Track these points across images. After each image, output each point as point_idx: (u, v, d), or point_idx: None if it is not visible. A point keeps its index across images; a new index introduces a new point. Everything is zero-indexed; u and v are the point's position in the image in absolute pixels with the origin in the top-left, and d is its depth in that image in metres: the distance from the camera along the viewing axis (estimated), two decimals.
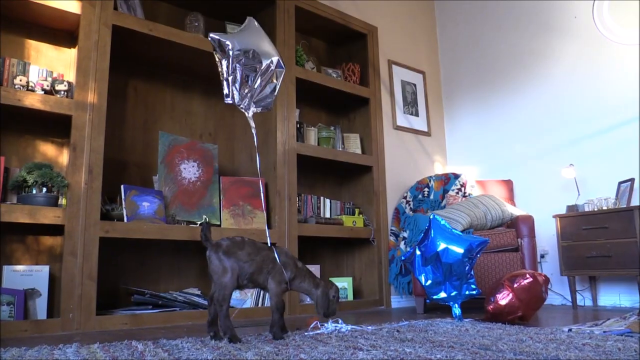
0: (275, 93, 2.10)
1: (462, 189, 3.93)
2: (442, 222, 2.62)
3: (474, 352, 1.55)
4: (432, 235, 2.58)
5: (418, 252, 2.65)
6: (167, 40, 2.98)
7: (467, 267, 2.52)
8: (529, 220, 3.35)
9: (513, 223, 3.42)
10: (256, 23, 2.10)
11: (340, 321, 2.28)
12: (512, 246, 3.27)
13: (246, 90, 1.96)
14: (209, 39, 1.97)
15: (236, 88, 1.95)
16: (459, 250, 2.49)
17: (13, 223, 2.39)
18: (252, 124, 2.08)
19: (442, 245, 2.53)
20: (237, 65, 1.91)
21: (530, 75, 4.20)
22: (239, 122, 3.67)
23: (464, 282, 2.56)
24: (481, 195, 3.69)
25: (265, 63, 1.96)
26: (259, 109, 2.07)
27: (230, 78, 1.94)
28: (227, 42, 1.90)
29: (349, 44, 4.26)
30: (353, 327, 2.25)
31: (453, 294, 2.57)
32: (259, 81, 1.99)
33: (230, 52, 1.91)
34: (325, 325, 2.26)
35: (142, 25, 2.89)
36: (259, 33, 2.04)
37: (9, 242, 2.63)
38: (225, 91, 1.97)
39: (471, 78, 4.66)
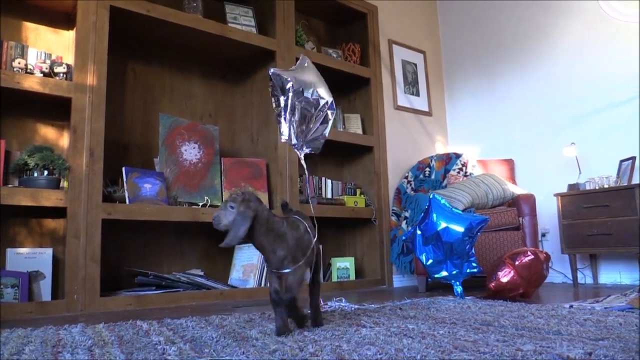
0: (326, 135, 1.99)
1: (464, 168, 3.92)
2: (442, 201, 2.63)
3: (476, 328, 1.56)
4: (432, 214, 2.58)
5: (419, 232, 2.66)
6: (165, 21, 2.96)
7: (467, 246, 2.53)
8: (530, 199, 3.35)
9: (514, 202, 3.42)
10: (310, 61, 2.00)
11: (343, 300, 2.30)
12: (513, 225, 3.28)
13: (301, 129, 1.88)
14: (270, 73, 1.84)
15: (293, 127, 1.87)
16: (459, 229, 2.50)
17: (15, 206, 2.39)
18: (304, 165, 2.01)
19: (442, 225, 2.54)
20: (297, 103, 1.82)
21: (532, 54, 4.17)
22: (239, 103, 3.66)
23: (465, 261, 2.57)
24: (482, 174, 3.69)
25: (321, 103, 1.87)
26: (309, 150, 1.97)
27: (288, 116, 1.84)
28: (289, 79, 1.80)
29: (348, 23, 4.22)
30: (356, 306, 2.26)
31: (454, 272, 2.59)
32: (314, 121, 1.90)
33: (291, 91, 1.81)
34: (329, 303, 2.28)
35: (139, 6, 2.86)
36: (314, 72, 1.95)
37: (12, 225, 2.64)
38: (283, 129, 1.86)
39: (472, 57, 4.62)
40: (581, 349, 1.17)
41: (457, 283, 2.62)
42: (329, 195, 3.79)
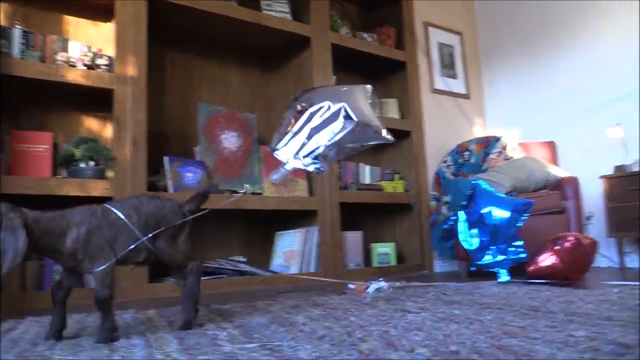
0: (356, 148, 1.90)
1: (504, 151, 3.85)
2: (485, 185, 2.59)
3: (524, 314, 1.54)
4: (476, 199, 2.55)
5: (462, 217, 2.63)
6: (201, 10, 2.97)
7: (513, 229, 2.49)
8: (573, 182, 3.27)
9: (557, 185, 3.34)
10: (371, 93, 1.90)
11: (382, 280, 2.23)
12: (557, 208, 3.20)
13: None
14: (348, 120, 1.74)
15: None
16: (505, 213, 2.46)
17: (65, 196, 2.47)
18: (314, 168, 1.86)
19: (486, 209, 2.50)
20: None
21: (573, 32, 4.04)
22: (275, 91, 3.67)
23: (511, 246, 2.53)
24: (523, 157, 3.61)
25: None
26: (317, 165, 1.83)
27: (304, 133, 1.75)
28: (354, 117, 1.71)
29: (382, 7, 4.17)
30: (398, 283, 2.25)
31: (499, 258, 2.55)
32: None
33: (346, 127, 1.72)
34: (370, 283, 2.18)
35: None
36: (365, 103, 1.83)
37: None
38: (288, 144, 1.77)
39: (510, 37, 4.51)
40: (636, 335, 1.14)
41: (503, 270, 2.57)
42: (367, 181, 3.78)
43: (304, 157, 1.81)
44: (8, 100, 2.66)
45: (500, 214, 2.46)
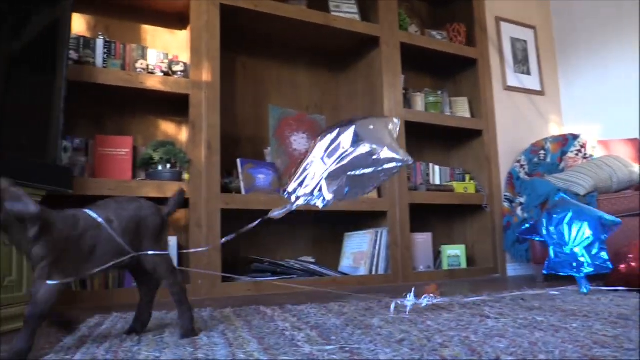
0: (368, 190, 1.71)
1: (583, 150, 3.67)
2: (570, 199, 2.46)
3: (613, 322, 1.45)
4: (559, 212, 2.42)
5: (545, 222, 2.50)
6: (272, 15, 3.02)
7: (597, 251, 2.34)
8: None
9: None
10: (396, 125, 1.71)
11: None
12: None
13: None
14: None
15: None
16: (587, 232, 2.32)
17: (144, 198, 2.57)
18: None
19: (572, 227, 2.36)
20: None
21: None
22: (344, 92, 3.67)
23: (594, 257, 2.36)
24: (605, 156, 3.43)
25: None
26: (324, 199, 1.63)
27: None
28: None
29: (452, 3, 4.08)
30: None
31: (584, 268, 2.39)
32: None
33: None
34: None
35: (247, 2, 2.94)
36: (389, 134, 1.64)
37: None
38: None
39: (588, 28, 4.29)
40: None
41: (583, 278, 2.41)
42: (438, 182, 3.71)
43: (305, 192, 1.66)
44: (91, 106, 2.81)
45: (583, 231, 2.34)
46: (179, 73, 2.78)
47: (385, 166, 1.59)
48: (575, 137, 3.77)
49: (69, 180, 2.09)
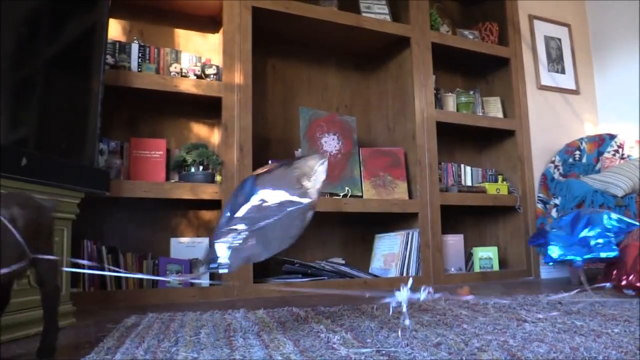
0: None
1: (620, 150, 3.58)
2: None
3: None
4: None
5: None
6: (303, 17, 3.03)
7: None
8: None
9: None
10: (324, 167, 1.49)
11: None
12: None
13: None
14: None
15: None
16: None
17: (177, 199, 2.61)
18: None
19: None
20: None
21: None
22: (374, 92, 3.66)
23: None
24: None
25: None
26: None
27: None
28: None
29: (484, 1, 4.02)
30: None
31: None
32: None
33: None
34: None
35: (278, 4, 2.95)
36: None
37: (174, 217, 2.89)
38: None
39: (624, 25, 4.17)
40: None
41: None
42: (469, 183, 3.66)
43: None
44: (126, 109, 2.86)
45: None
46: (211, 76, 2.81)
47: (289, 209, 1.42)
48: (612, 137, 3.68)
49: (105, 182, 2.14)
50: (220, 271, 1.33)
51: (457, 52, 3.64)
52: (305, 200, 1.44)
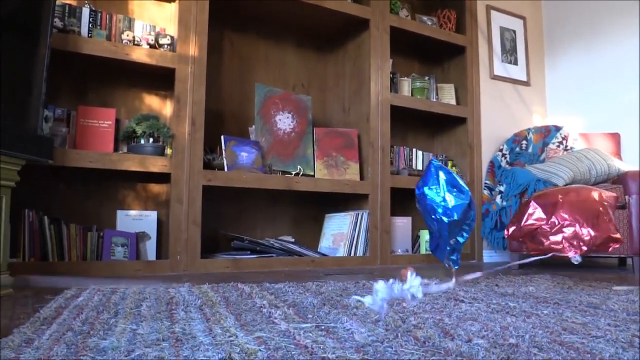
0: None
1: (564, 142, 3.72)
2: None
3: (583, 310, 1.49)
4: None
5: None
6: None
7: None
8: (638, 176, 3.12)
9: (620, 179, 3.20)
10: None
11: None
12: (619, 203, 3.07)
13: None
14: None
15: None
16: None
17: (125, 171, 2.56)
18: None
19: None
20: None
21: None
22: (331, 73, 3.66)
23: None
24: (585, 148, 3.48)
25: None
26: None
27: None
28: None
29: None
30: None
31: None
32: None
33: None
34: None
35: None
36: None
37: (122, 189, 2.83)
38: None
39: (577, 21, 4.31)
40: None
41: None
42: (420, 167, 3.74)
43: None
44: (75, 76, 2.77)
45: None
46: (165, 46, 2.74)
47: None
48: (557, 128, 3.82)
49: (49, 150, 2.07)
50: None
51: (415, 38, 3.68)
52: None
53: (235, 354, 0.92)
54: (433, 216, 2.10)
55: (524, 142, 3.79)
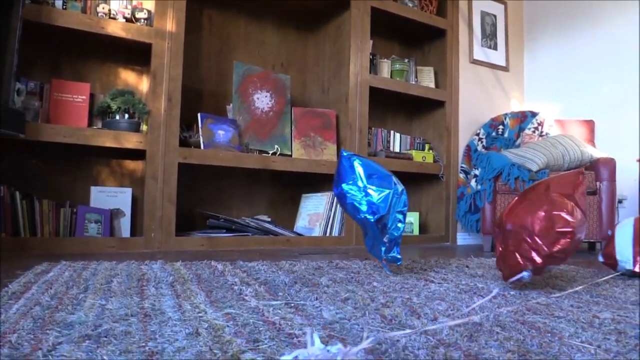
0: None
1: (540, 127, 3.77)
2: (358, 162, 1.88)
3: (549, 292, 1.53)
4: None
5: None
6: None
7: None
8: (610, 163, 3.19)
9: (592, 165, 3.27)
10: None
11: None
12: (590, 189, 3.14)
13: None
14: None
15: None
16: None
17: (99, 147, 2.52)
18: None
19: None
20: None
21: (622, 8, 3.87)
22: (311, 53, 3.64)
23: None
24: (560, 135, 3.53)
25: None
26: None
27: None
28: None
29: None
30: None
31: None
32: None
33: None
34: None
35: None
36: None
37: (96, 165, 2.80)
38: None
39: (557, 10, 4.35)
40: None
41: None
42: (397, 149, 3.76)
43: None
44: (48, 49, 2.71)
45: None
46: (142, 20, 2.70)
47: None
48: (534, 114, 3.86)
49: (21, 124, 2.03)
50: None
51: (396, 19, 3.67)
52: None
53: (203, 329, 0.92)
54: (358, 216, 1.81)
55: (501, 126, 3.83)
